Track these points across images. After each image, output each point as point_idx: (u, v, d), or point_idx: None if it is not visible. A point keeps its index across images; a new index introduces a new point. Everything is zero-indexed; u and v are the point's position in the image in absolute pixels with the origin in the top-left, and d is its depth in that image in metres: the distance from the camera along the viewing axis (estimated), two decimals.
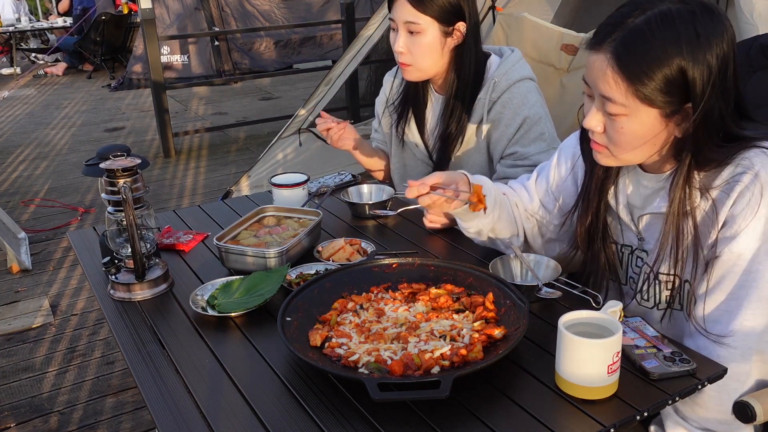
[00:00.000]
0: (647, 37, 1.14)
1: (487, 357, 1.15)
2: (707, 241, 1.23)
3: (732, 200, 1.18)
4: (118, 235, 1.51)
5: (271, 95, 7.96)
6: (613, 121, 1.20)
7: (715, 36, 1.14)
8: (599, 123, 1.24)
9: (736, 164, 1.19)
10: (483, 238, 1.58)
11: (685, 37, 1.12)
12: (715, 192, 1.21)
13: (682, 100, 1.15)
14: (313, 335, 1.24)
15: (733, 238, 1.18)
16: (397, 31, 1.84)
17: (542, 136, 1.86)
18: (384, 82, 2.16)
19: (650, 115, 1.17)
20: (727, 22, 1.17)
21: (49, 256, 3.87)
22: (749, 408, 1.15)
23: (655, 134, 1.20)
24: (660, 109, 1.16)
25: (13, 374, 2.74)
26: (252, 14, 8.76)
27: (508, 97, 1.85)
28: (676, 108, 1.16)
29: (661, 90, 1.14)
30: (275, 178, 1.93)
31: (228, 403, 1.12)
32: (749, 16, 2.86)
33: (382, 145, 2.22)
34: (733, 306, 1.20)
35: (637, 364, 1.14)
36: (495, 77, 1.86)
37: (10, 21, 9.62)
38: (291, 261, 1.55)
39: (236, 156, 5.73)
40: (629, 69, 1.15)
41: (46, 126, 6.90)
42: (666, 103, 1.15)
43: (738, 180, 1.18)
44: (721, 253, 1.20)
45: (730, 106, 1.18)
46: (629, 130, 1.20)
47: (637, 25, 1.15)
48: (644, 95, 1.15)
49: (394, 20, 1.84)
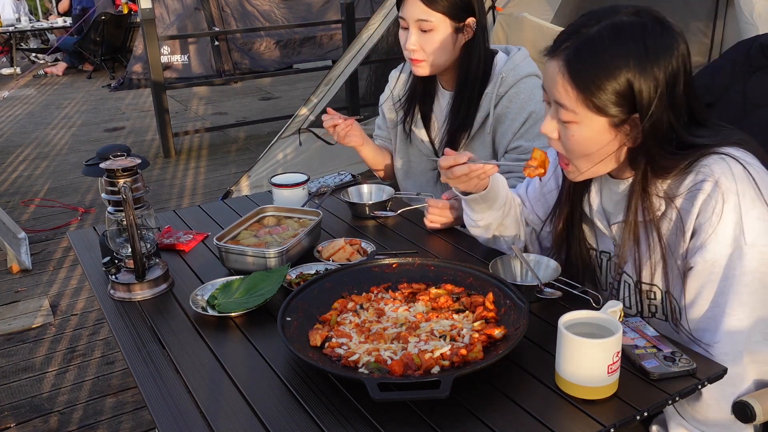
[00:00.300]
0: (597, 48, 1.17)
1: (487, 357, 1.15)
2: (678, 251, 1.24)
3: (696, 210, 1.19)
4: (118, 235, 1.51)
5: (271, 95, 7.96)
6: (565, 128, 1.24)
7: (664, 51, 1.17)
8: (554, 129, 1.28)
9: (696, 172, 1.20)
10: (489, 234, 1.58)
11: (633, 50, 1.16)
12: (679, 201, 1.22)
13: (630, 110, 1.18)
14: (313, 335, 1.24)
15: (703, 247, 1.19)
16: (408, 30, 1.85)
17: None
18: (390, 79, 2.17)
19: (599, 124, 1.20)
20: (680, 38, 1.19)
21: (49, 256, 3.87)
22: (749, 408, 1.15)
23: (604, 143, 1.23)
24: (608, 118, 1.19)
25: (13, 374, 2.74)
26: (252, 14, 8.76)
27: (515, 92, 1.87)
28: (624, 118, 1.19)
29: (608, 100, 1.17)
30: (275, 178, 1.93)
31: (228, 403, 1.12)
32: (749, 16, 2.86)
33: (386, 142, 2.23)
34: (717, 313, 1.20)
35: (637, 364, 1.14)
36: (503, 72, 1.88)
37: (10, 21, 9.63)
38: (291, 261, 1.55)
39: (236, 156, 5.73)
40: (579, 78, 1.18)
41: (46, 126, 6.90)
42: (614, 112, 1.19)
43: (699, 188, 1.19)
44: (695, 264, 1.20)
45: (682, 117, 1.21)
46: (579, 137, 1.23)
47: (590, 35, 1.19)
48: (593, 104, 1.18)
49: (405, 19, 1.85)
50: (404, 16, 1.85)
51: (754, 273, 1.16)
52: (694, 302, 1.23)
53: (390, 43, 5.53)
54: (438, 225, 1.76)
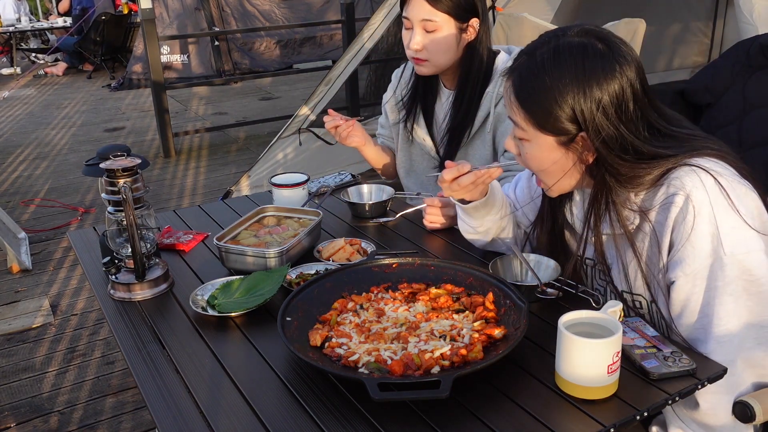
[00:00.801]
0: (538, 70, 1.21)
1: (487, 357, 1.15)
2: (658, 265, 1.24)
3: (671, 224, 1.20)
4: (118, 235, 1.51)
5: (271, 95, 7.96)
6: (522, 145, 1.28)
7: (603, 71, 1.18)
8: (513, 146, 1.32)
9: (668, 185, 1.20)
10: (488, 239, 1.58)
11: (571, 71, 1.18)
12: (653, 215, 1.23)
13: (577, 128, 1.20)
14: (313, 335, 1.24)
15: (682, 261, 1.19)
16: (412, 30, 1.86)
17: None
18: (392, 78, 2.18)
19: (547, 142, 1.24)
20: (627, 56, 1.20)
21: (49, 256, 3.87)
22: (749, 408, 1.15)
23: (556, 160, 1.25)
24: (554, 136, 1.22)
25: (13, 374, 2.74)
26: (252, 14, 8.76)
27: None
28: (571, 136, 1.21)
29: (551, 119, 1.20)
30: (275, 178, 1.93)
31: (228, 403, 1.12)
32: (749, 16, 2.86)
33: (388, 141, 2.24)
34: (705, 323, 1.20)
35: (637, 364, 1.14)
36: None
37: (11, 21, 9.63)
38: (291, 261, 1.55)
39: (236, 156, 5.73)
40: (523, 99, 1.22)
41: (46, 126, 6.90)
42: (559, 131, 1.21)
43: (671, 202, 1.19)
44: (677, 278, 1.21)
45: (638, 131, 1.21)
46: (532, 154, 1.27)
47: (534, 58, 1.22)
48: (537, 123, 1.22)
49: (409, 18, 1.85)
50: (408, 16, 1.85)
51: (736, 282, 1.17)
52: (682, 314, 1.23)
53: (390, 43, 5.54)
54: (438, 225, 1.76)
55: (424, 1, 1.81)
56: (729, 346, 1.18)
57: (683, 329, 1.24)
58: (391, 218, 1.86)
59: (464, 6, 1.83)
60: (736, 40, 2.10)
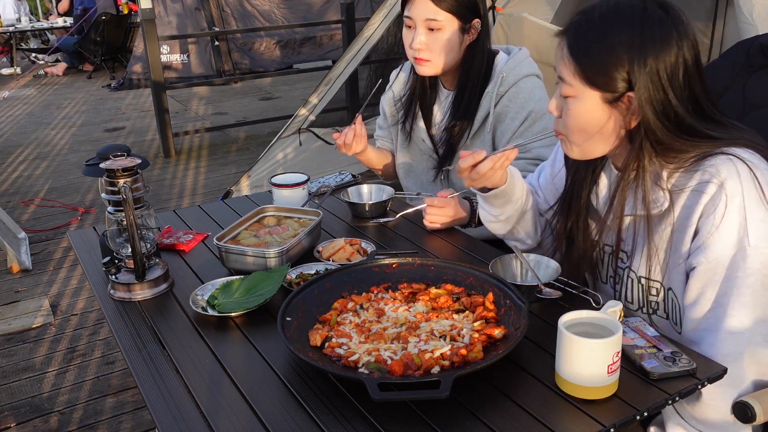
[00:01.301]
0: (596, 23, 1.22)
1: (487, 357, 1.15)
2: (681, 250, 1.24)
3: (700, 210, 1.20)
4: (118, 235, 1.51)
5: (271, 95, 7.96)
6: (566, 103, 1.27)
7: (662, 35, 1.19)
8: (556, 107, 1.31)
9: (702, 171, 1.20)
10: (509, 227, 1.57)
11: (629, 30, 1.18)
12: (683, 199, 1.23)
13: (625, 88, 1.20)
14: (313, 335, 1.24)
15: (706, 247, 1.19)
16: (414, 29, 1.86)
17: (545, 131, 1.87)
18: (390, 78, 2.18)
19: (594, 99, 1.23)
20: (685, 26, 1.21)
21: (49, 256, 3.87)
22: (749, 408, 1.15)
23: (600, 119, 1.24)
24: (603, 93, 1.22)
25: (13, 374, 2.74)
26: (252, 14, 8.76)
27: (515, 92, 1.89)
28: (618, 95, 1.21)
29: (601, 75, 1.20)
30: (275, 178, 1.93)
31: (228, 403, 1.12)
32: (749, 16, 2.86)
33: (386, 142, 2.24)
34: (718, 313, 1.20)
35: (637, 364, 1.14)
36: (503, 72, 1.90)
37: (11, 21, 9.63)
38: (291, 261, 1.55)
39: (236, 156, 5.73)
40: (575, 51, 1.22)
41: (46, 126, 6.90)
42: (608, 87, 1.21)
43: (704, 189, 1.19)
44: (698, 264, 1.21)
45: (685, 102, 1.21)
46: (575, 112, 1.26)
47: (593, 12, 1.23)
48: (587, 78, 1.21)
49: (412, 18, 1.85)
50: (411, 15, 1.85)
51: (756, 275, 1.17)
52: (696, 302, 1.23)
53: (390, 43, 5.53)
54: (438, 225, 1.76)
55: (429, 0, 1.81)
56: (739, 339, 1.18)
57: (694, 318, 1.24)
58: (391, 218, 1.86)
59: (467, 6, 1.83)
60: (736, 40, 2.10)
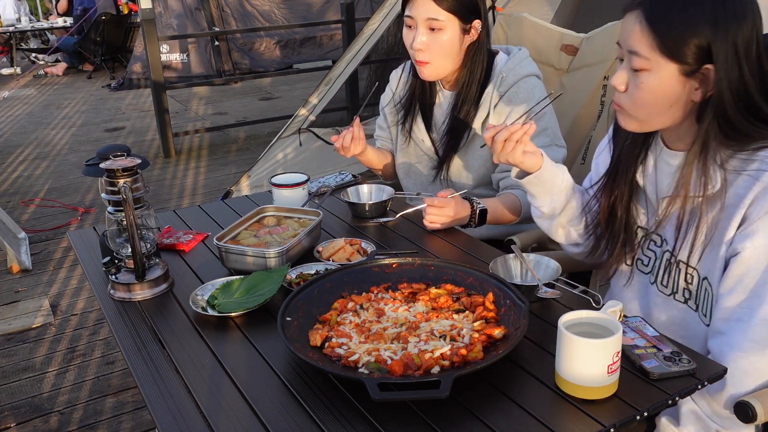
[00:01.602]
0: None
1: (487, 357, 1.15)
2: (726, 235, 1.24)
3: (750, 199, 1.20)
4: (118, 235, 1.51)
5: (271, 95, 7.96)
6: (636, 77, 1.25)
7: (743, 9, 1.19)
8: (622, 82, 1.28)
9: (761, 161, 1.21)
10: (555, 222, 1.56)
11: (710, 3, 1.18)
12: (736, 184, 1.23)
13: (703, 59, 1.19)
14: (313, 335, 1.24)
15: (753, 234, 1.20)
16: (415, 29, 1.85)
17: (545, 131, 1.90)
18: (390, 79, 2.18)
19: (671, 71, 1.21)
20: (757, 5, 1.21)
21: (49, 256, 3.87)
22: (750, 408, 1.15)
23: (674, 93, 1.23)
24: (681, 65, 1.20)
25: (13, 374, 2.74)
26: (252, 14, 8.76)
27: (514, 92, 1.88)
28: (696, 67, 1.20)
29: (681, 46, 1.19)
30: (275, 178, 1.93)
31: (228, 403, 1.12)
32: None
33: (386, 142, 2.24)
34: (755, 303, 1.21)
35: (637, 364, 1.14)
36: (503, 72, 1.90)
37: (11, 21, 9.63)
38: (291, 261, 1.55)
39: (236, 156, 5.73)
40: (655, 22, 1.20)
41: (46, 126, 6.90)
42: (686, 59, 1.19)
43: (758, 178, 1.20)
44: (743, 249, 1.21)
45: (755, 77, 1.21)
46: (648, 85, 1.24)
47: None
48: (667, 49, 1.20)
49: (413, 17, 1.84)
50: (412, 14, 1.84)
51: None
52: (733, 290, 1.23)
53: (390, 43, 5.53)
54: (438, 225, 1.76)
55: (431, 0, 1.80)
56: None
57: (727, 307, 1.24)
58: (391, 218, 1.86)
59: (468, 6, 1.83)
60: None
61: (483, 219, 1.81)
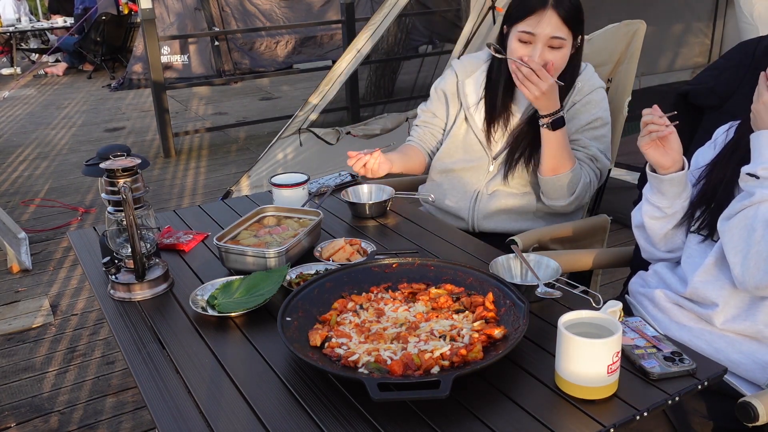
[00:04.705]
0: None
1: (487, 357, 1.15)
2: None
3: None
4: (118, 235, 1.51)
5: (271, 95, 7.96)
6: None
7: None
8: None
9: None
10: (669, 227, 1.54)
11: None
12: None
13: None
14: (313, 335, 1.24)
15: None
16: (532, 45, 1.81)
17: (603, 138, 1.96)
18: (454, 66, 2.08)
19: None
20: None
21: (49, 256, 3.87)
22: (751, 408, 1.15)
23: None
24: None
25: (13, 374, 2.74)
26: (252, 14, 8.76)
27: (587, 100, 1.93)
28: None
29: None
30: (275, 178, 1.93)
31: (228, 403, 1.12)
32: (749, 16, 2.86)
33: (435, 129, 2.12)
34: None
35: (637, 364, 1.14)
36: (579, 81, 1.93)
37: (11, 21, 9.63)
38: (291, 261, 1.55)
39: (236, 156, 5.73)
40: None
41: (46, 126, 6.90)
42: None
43: None
44: None
45: None
46: None
47: None
48: None
49: (535, 34, 1.79)
50: (535, 32, 1.79)
51: None
52: None
53: (390, 43, 5.54)
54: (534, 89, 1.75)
55: (557, 17, 1.77)
56: None
57: None
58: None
59: (581, 22, 1.84)
60: (736, 40, 2.10)
61: (560, 123, 1.81)
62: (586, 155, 1.93)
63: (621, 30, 2.14)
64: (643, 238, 1.61)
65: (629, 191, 2.47)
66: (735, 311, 1.37)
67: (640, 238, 1.62)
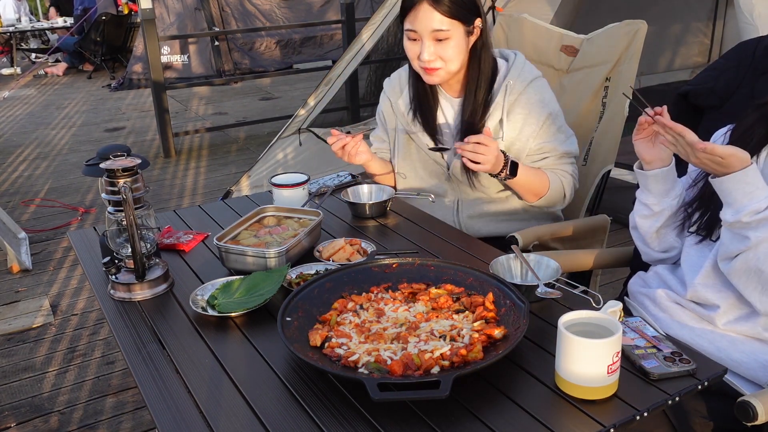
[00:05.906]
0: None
1: (487, 357, 1.15)
2: None
3: None
4: (118, 235, 1.51)
5: (271, 95, 7.96)
6: None
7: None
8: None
9: None
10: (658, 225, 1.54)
11: None
12: None
13: None
14: (313, 335, 1.24)
15: None
16: (420, 41, 1.81)
17: (561, 128, 1.94)
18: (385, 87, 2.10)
19: None
20: None
21: (50, 256, 3.87)
22: (750, 407, 1.15)
23: None
24: None
25: (14, 374, 2.74)
26: (252, 14, 8.77)
27: (526, 99, 1.88)
28: None
29: None
30: (275, 178, 1.93)
31: (228, 403, 1.12)
32: (749, 16, 2.85)
33: (386, 154, 2.16)
34: None
35: (637, 364, 1.14)
36: (509, 80, 1.89)
37: (11, 21, 9.63)
38: (291, 261, 1.55)
39: (236, 156, 5.73)
40: None
41: (46, 126, 6.90)
42: None
43: None
44: None
45: None
46: None
47: None
48: None
49: (417, 31, 1.80)
50: (415, 28, 1.80)
51: None
52: None
53: (390, 43, 5.54)
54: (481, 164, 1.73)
55: (434, 11, 1.76)
56: None
57: None
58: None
59: (468, 7, 1.81)
60: (736, 40, 2.10)
61: (514, 171, 1.81)
62: (555, 157, 1.91)
63: (622, 30, 2.14)
64: (639, 239, 1.62)
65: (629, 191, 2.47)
66: (737, 313, 1.38)
67: (637, 239, 1.63)
